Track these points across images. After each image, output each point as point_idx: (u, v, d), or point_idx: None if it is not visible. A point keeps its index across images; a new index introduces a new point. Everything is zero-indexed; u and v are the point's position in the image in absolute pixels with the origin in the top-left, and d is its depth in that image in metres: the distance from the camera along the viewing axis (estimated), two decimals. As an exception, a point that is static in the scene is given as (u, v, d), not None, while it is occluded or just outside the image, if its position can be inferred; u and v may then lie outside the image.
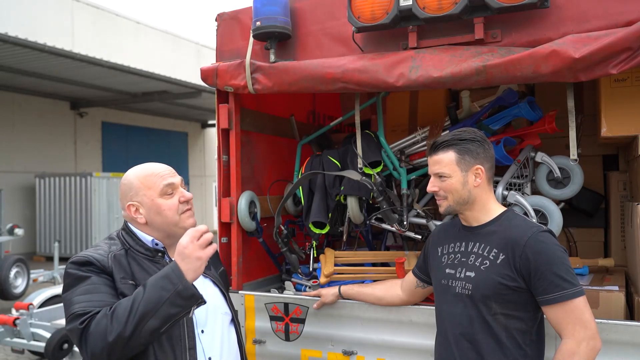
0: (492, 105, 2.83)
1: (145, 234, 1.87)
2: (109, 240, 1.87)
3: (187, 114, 18.35)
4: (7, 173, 13.53)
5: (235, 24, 2.80)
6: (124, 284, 1.72)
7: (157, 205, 1.83)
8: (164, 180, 1.85)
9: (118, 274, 1.73)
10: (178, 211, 1.85)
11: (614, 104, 2.35)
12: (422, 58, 2.27)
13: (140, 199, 1.84)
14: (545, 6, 2.14)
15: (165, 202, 1.84)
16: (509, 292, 1.79)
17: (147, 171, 1.88)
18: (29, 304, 5.53)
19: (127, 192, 1.86)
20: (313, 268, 2.93)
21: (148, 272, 1.78)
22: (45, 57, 10.69)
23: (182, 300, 1.61)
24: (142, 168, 1.90)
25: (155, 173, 1.86)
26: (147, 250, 1.84)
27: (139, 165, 1.92)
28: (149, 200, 1.83)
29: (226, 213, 2.78)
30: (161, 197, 1.84)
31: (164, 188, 1.84)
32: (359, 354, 2.47)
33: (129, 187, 1.86)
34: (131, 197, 1.85)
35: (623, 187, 3.01)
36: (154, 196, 1.83)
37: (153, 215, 1.84)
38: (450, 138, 1.92)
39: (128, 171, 1.92)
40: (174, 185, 1.87)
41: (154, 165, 1.90)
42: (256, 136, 3.09)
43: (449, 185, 1.91)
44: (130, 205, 1.85)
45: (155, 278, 1.63)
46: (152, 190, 1.84)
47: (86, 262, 1.72)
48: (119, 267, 1.75)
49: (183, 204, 1.87)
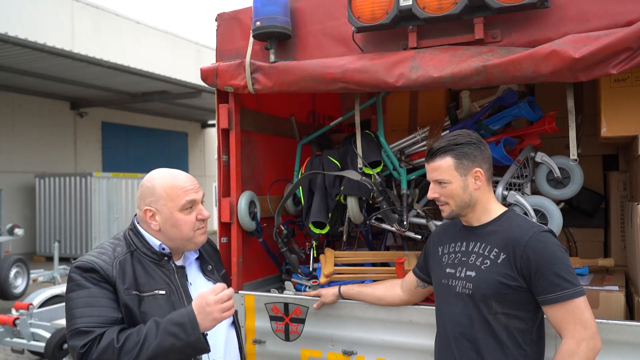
0: (492, 105, 2.83)
1: (153, 238, 1.86)
2: (114, 241, 1.87)
3: (187, 114, 18.35)
4: (7, 173, 13.53)
5: (235, 24, 2.80)
6: (127, 294, 1.72)
7: (176, 219, 1.83)
8: (187, 195, 1.85)
9: (122, 284, 1.73)
10: (194, 227, 1.86)
11: (614, 104, 2.35)
12: (422, 58, 2.27)
13: (160, 208, 1.84)
14: (545, 6, 2.14)
15: (183, 218, 1.84)
16: (509, 291, 1.79)
17: (173, 182, 1.86)
18: (29, 304, 5.53)
19: (148, 195, 1.85)
20: (313, 268, 2.93)
21: (152, 277, 1.79)
22: (45, 57, 10.68)
23: (191, 350, 1.67)
24: (169, 177, 1.88)
25: (180, 186, 1.85)
26: (154, 253, 1.84)
27: (166, 171, 1.91)
28: (168, 212, 1.83)
29: (226, 213, 2.78)
30: (181, 212, 1.84)
31: (186, 203, 1.84)
32: (359, 354, 2.47)
33: (150, 192, 1.85)
34: (150, 202, 1.84)
35: (623, 187, 3.01)
36: (174, 209, 1.83)
37: (168, 227, 1.84)
38: (447, 144, 1.91)
39: (153, 173, 1.90)
40: (195, 202, 1.87)
41: (180, 177, 1.89)
42: (256, 136, 3.09)
43: (449, 190, 1.91)
44: (147, 210, 1.84)
45: (170, 322, 1.66)
46: (174, 202, 1.83)
47: (90, 269, 1.72)
48: (123, 276, 1.74)
49: (199, 222, 1.88)
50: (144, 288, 1.76)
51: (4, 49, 10.05)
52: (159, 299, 1.76)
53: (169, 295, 1.79)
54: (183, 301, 1.81)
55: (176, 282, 1.84)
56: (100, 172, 14.60)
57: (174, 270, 1.86)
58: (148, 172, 1.97)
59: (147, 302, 1.74)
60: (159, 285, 1.79)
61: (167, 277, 1.82)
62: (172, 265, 1.86)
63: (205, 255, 2.02)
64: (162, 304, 1.76)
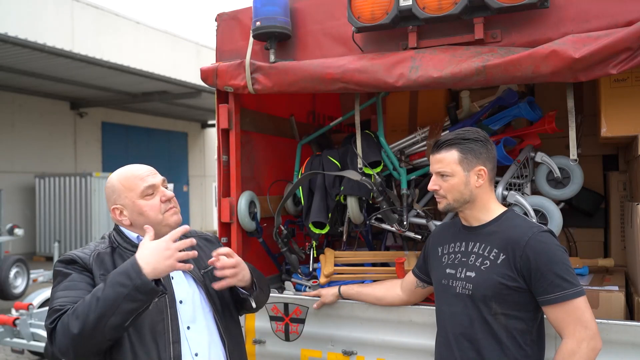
0: (492, 105, 2.83)
1: (130, 232, 1.92)
2: (100, 240, 1.95)
3: (187, 114, 18.34)
4: (7, 173, 13.52)
5: (235, 24, 2.80)
6: (102, 280, 1.73)
7: (139, 207, 1.87)
8: (143, 182, 1.89)
9: (98, 270, 1.79)
10: (161, 210, 1.89)
11: (614, 104, 2.35)
12: (422, 58, 2.27)
13: (123, 202, 1.89)
14: (545, 6, 2.14)
15: (146, 203, 1.87)
16: (509, 292, 1.79)
17: (127, 173, 1.92)
18: (29, 304, 5.54)
19: (111, 195, 1.92)
20: (313, 268, 2.93)
21: None
22: (45, 57, 10.68)
23: (142, 295, 1.61)
24: (123, 170, 1.94)
25: (135, 175, 1.90)
26: (134, 246, 1.87)
27: (122, 168, 1.96)
28: (131, 202, 1.88)
29: (226, 213, 2.78)
30: (142, 199, 1.87)
31: (145, 189, 1.88)
32: (359, 354, 2.47)
33: (112, 190, 1.91)
34: (114, 200, 1.90)
35: (623, 187, 3.01)
36: (135, 198, 1.87)
37: (136, 217, 1.88)
38: (454, 137, 1.92)
39: (111, 174, 1.97)
40: (155, 186, 1.90)
41: (134, 167, 1.94)
42: (256, 136, 3.08)
43: (450, 184, 1.91)
44: (115, 209, 1.90)
45: (114, 274, 1.65)
46: (133, 192, 1.87)
47: (70, 261, 1.81)
48: (100, 265, 1.81)
49: (165, 203, 1.90)
50: None
51: (4, 49, 10.05)
52: None
53: None
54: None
55: None
56: (100, 172, 14.59)
57: None
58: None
59: None
60: None
61: None
62: None
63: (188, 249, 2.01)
64: None
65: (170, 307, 1.82)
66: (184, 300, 1.89)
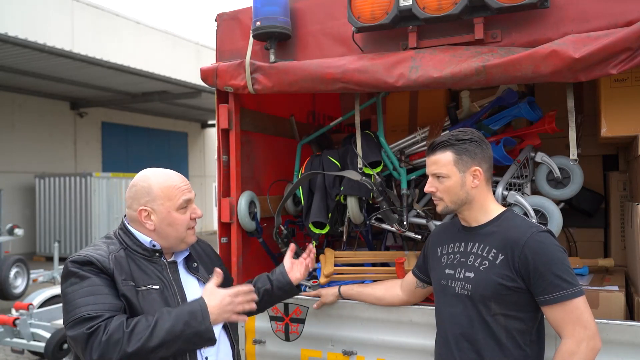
0: (492, 105, 2.83)
1: (143, 235, 1.88)
2: (107, 240, 1.89)
3: (187, 114, 18.35)
4: (7, 173, 13.53)
5: (235, 24, 2.80)
6: (125, 285, 1.74)
7: (173, 218, 1.86)
8: (183, 195, 1.88)
9: (119, 275, 1.75)
10: (188, 226, 1.90)
11: (614, 104, 2.35)
12: (422, 58, 2.27)
13: (157, 208, 1.85)
14: (545, 6, 2.14)
15: (179, 217, 1.87)
16: (508, 292, 1.79)
17: (169, 182, 1.88)
18: (29, 304, 5.53)
19: (143, 195, 1.86)
20: (313, 268, 2.92)
21: (145, 272, 1.82)
22: (45, 57, 10.69)
23: (199, 340, 1.71)
24: (164, 176, 1.90)
25: (177, 186, 1.88)
26: (145, 250, 1.86)
27: (159, 171, 1.92)
28: (165, 211, 1.85)
29: (226, 213, 2.78)
30: (177, 211, 1.87)
31: (182, 202, 1.87)
32: (359, 354, 2.47)
33: (146, 192, 1.86)
34: (146, 202, 1.85)
35: (623, 187, 3.01)
36: (172, 209, 1.86)
37: (165, 226, 1.86)
38: (448, 138, 1.93)
39: (146, 173, 1.91)
40: (190, 201, 1.91)
41: (175, 177, 1.91)
42: (256, 136, 3.08)
43: (446, 186, 1.91)
44: (143, 210, 1.85)
45: (183, 311, 1.71)
46: (171, 202, 1.86)
47: (87, 262, 1.73)
48: (120, 269, 1.76)
49: (192, 221, 1.92)
50: (139, 283, 1.79)
51: (4, 49, 10.05)
52: (153, 293, 1.79)
53: (162, 290, 1.81)
54: (176, 296, 1.83)
55: (169, 277, 1.86)
56: (100, 172, 14.62)
57: (166, 265, 1.89)
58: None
59: (143, 296, 1.77)
60: (152, 280, 1.82)
61: (160, 273, 1.85)
62: (164, 261, 1.89)
63: (194, 254, 2.04)
64: (156, 298, 1.78)
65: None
66: None
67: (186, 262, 1.99)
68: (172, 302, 1.80)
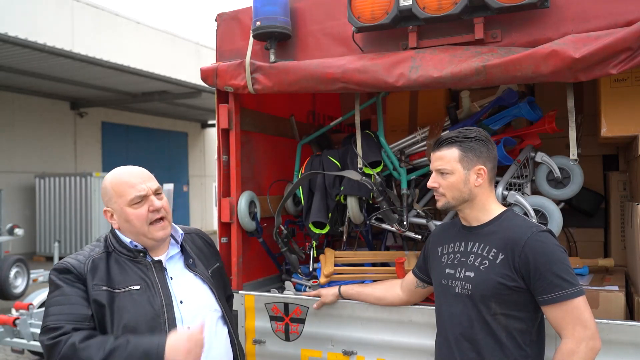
0: (492, 105, 2.83)
1: (124, 236, 1.91)
2: (95, 243, 1.94)
3: (187, 114, 18.34)
4: (7, 173, 13.52)
5: (235, 24, 2.80)
6: (96, 290, 1.78)
7: (126, 214, 1.87)
8: (134, 190, 1.87)
9: (91, 280, 1.79)
10: (147, 221, 1.87)
11: (614, 104, 2.35)
12: (422, 58, 2.27)
13: (113, 206, 1.89)
14: (545, 6, 2.14)
15: (133, 212, 1.86)
16: (508, 292, 1.79)
17: (120, 178, 1.90)
18: (29, 304, 5.53)
19: (104, 196, 1.93)
20: (313, 268, 2.93)
21: (127, 274, 1.84)
22: (45, 57, 10.67)
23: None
24: (117, 174, 1.93)
25: (126, 181, 1.89)
26: (129, 250, 1.89)
27: (115, 169, 1.95)
28: (119, 208, 1.88)
29: (226, 213, 2.78)
30: (130, 207, 1.86)
31: (133, 198, 1.86)
32: (359, 354, 2.47)
33: (104, 192, 1.92)
34: (106, 202, 1.91)
35: (623, 187, 3.01)
36: (123, 204, 1.87)
37: (123, 223, 1.89)
38: (456, 135, 1.93)
39: (108, 174, 1.95)
40: (145, 196, 1.88)
41: (127, 172, 1.92)
42: (256, 136, 3.09)
43: (449, 182, 1.91)
44: (106, 211, 1.91)
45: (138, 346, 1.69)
46: (122, 198, 1.87)
47: (64, 270, 1.81)
48: (94, 273, 1.80)
49: (152, 213, 1.88)
50: (118, 285, 1.81)
51: (4, 49, 10.05)
52: (134, 294, 1.81)
53: (144, 290, 1.83)
54: (160, 295, 1.84)
55: (153, 277, 1.87)
56: (100, 172, 14.57)
57: (151, 265, 1.89)
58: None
59: (121, 298, 1.79)
60: (133, 281, 1.84)
61: (143, 273, 1.86)
62: (149, 260, 1.90)
63: (192, 249, 2.04)
64: (136, 299, 1.80)
65: (168, 311, 1.82)
66: (185, 300, 1.90)
67: (184, 258, 2.00)
68: (154, 302, 1.81)
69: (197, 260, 2.02)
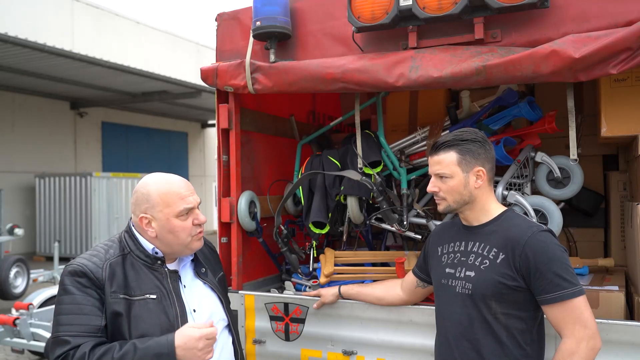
0: (492, 105, 2.83)
1: (147, 242, 1.85)
2: (108, 243, 1.87)
3: (187, 114, 18.34)
4: (7, 173, 13.52)
5: (235, 24, 2.80)
6: (114, 298, 1.72)
7: (172, 225, 1.81)
8: (184, 202, 1.82)
9: (110, 287, 1.73)
10: (191, 233, 1.84)
11: (614, 104, 2.35)
12: (422, 58, 2.27)
13: (156, 215, 1.81)
14: (545, 6, 2.14)
15: (180, 224, 1.81)
16: (508, 291, 1.79)
17: (168, 188, 1.83)
18: (29, 304, 5.53)
19: (143, 202, 1.82)
20: (313, 268, 2.93)
21: (143, 281, 1.79)
22: (45, 57, 10.68)
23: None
24: (164, 182, 1.85)
25: (176, 192, 1.82)
26: (147, 257, 1.83)
27: (161, 176, 1.88)
28: (164, 218, 1.80)
29: (226, 213, 2.78)
30: (177, 218, 1.81)
31: (182, 210, 1.82)
32: (359, 354, 2.47)
33: (145, 198, 1.82)
34: (146, 209, 1.82)
35: (623, 187, 3.01)
36: (170, 215, 1.81)
37: (165, 233, 1.82)
38: (452, 138, 1.92)
39: (147, 179, 1.87)
40: (192, 210, 1.85)
41: (175, 182, 1.86)
42: (256, 136, 3.09)
43: (449, 186, 1.91)
44: (143, 217, 1.82)
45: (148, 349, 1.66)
46: (170, 209, 1.80)
47: (80, 273, 1.73)
48: (112, 279, 1.74)
49: (196, 227, 1.86)
50: (135, 292, 1.75)
51: (4, 49, 10.05)
52: (150, 303, 1.76)
53: (160, 300, 1.78)
54: (175, 305, 1.80)
55: (168, 286, 1.82)
56: (100, 172, 14.59)
57: (167, 274, 1.85)
58: (148, 172, 1.96)
59: (137, 306, 1.74)
60: (150, 289, 1.78)
61: (159, 282, 1.81)
62: (165, 269, 1.85)
63: (201, 257, 2.01)
64: (152, 309, 1.75)
65: (182, 322, 1.80)
66: (198, 309, 1.88)
67: (195, 267, 1.98)
68: (169, 312, 1.77)
69: (208, 269, 2.01)
